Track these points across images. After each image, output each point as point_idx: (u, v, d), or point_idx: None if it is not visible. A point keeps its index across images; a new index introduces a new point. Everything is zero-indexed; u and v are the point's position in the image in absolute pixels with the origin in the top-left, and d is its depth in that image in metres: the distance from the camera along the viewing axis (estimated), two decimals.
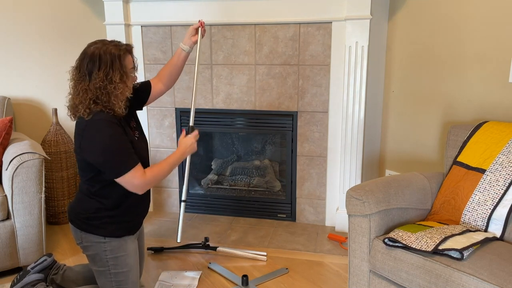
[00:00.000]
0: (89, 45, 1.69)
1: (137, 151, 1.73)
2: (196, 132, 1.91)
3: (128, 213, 1.81)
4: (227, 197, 3.03)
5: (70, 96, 1.71)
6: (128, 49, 1.73)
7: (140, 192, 1.72)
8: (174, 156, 1.82)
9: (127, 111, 1.77)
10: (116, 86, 1.64)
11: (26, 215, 2.20)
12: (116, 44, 1.70)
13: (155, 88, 2.02)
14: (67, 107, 1.73)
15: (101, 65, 1.63)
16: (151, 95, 2.01)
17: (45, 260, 2.01)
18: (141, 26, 2.83)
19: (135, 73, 1.80)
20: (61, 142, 2.84)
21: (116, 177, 1.66)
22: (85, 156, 1.66)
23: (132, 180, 1.66)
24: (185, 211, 3.10)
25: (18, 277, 1.94)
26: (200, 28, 2.02)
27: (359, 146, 2.64)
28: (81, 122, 1.67)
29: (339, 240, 2.63)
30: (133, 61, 1.77)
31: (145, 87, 1.99)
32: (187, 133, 1.91)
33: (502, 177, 1.76)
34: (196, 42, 2.03)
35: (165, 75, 2.04)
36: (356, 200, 1.77)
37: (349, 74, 2.55)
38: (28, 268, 1.98)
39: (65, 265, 2.07)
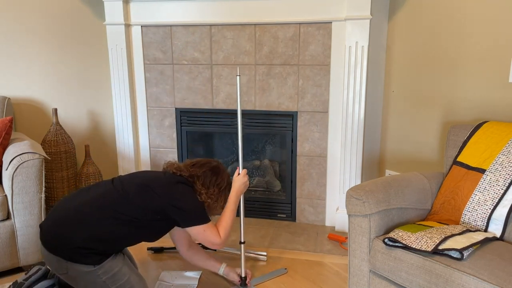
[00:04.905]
0: (219, 165, 2.01)
1: None
2: (245, 170, 2.07)
3: (117, 246, 1.79)
4: None
5: (183, 162, 1.98)
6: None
7: (217, 248, 1.85)
8: (231, 199, 1.99)
9: None
10: (213, 202, 1.91)
11: (26, 215, 2.20)
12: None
13: (179, 237, 2.13)
14: (171, 162, 1.96)
15: (221, 190, 1.95)
16: (171, 232, 2.12)
17: (39, 269, 1.95)
18: (141, 26, 2.83)
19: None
20: (61, 142, 2.84)
21: (193, 225, 1.80)
22: (166, 201, 1.76)
23: (208, 235, 1.81)
24: None
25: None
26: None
27: (359, 146, 2.64)
28: (176, 176, 1.87)
29: (339, 240, 2.63)
30: None
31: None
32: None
33: (502, 177, 1.76)
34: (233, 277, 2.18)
35: (191, 253, 2.16)
36: (356, 200, 1.77)
37: (349, 74, 2.55)
38: (20, 280, 1.90)
39: None
